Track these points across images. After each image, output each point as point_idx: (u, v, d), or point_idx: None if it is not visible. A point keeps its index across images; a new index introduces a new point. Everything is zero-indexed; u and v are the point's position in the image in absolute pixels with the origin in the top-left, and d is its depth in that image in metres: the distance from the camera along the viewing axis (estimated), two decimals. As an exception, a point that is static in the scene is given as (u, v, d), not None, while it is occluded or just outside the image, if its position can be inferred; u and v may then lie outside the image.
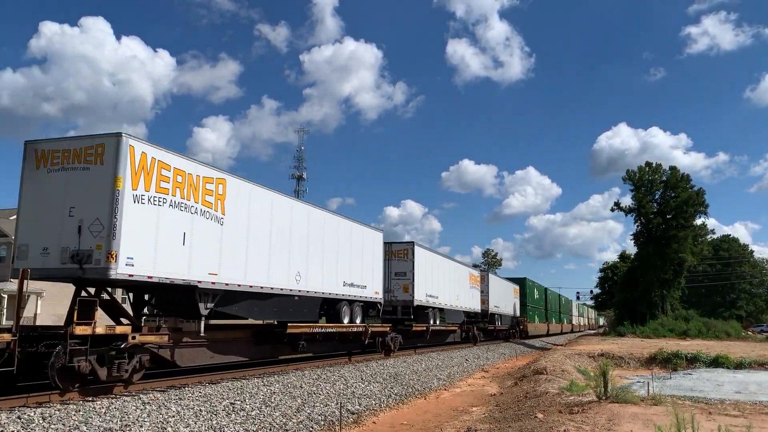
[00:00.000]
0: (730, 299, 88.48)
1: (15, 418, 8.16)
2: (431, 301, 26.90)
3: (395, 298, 24.17)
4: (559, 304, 72.25)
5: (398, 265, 24.31)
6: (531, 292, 54.83)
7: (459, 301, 31.89)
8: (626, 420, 9.87)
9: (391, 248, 24.43)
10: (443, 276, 29.35)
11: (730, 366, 25.49)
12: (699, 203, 54.63)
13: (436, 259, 28.45)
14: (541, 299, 60.56)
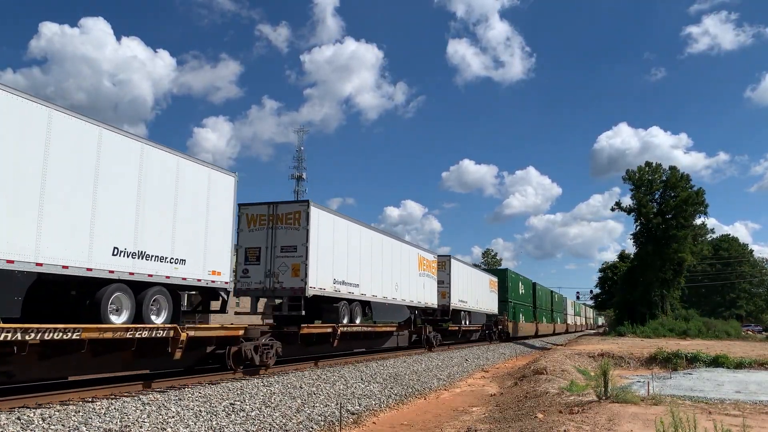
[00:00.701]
0: (730, 299, 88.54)
1: (14, 418, 8.16)
2: (344, 291, 18.82)
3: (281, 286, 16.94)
4: (551, 302, 66.19)
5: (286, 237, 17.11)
6: (514, 286, 47.72)
7: (400, 292, 23.54)
8: (626, 420, 9.87)
9: None
10: (370, 256, 21.01)
11: (730, 366, 25.50)
12: (699, 203, 54.70)
13: (352, 227, 19.92)
14: (528, 295, 53.25)
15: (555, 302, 68.86)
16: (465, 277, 33.41)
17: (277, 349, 15.50)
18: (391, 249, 23.36)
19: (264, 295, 17.51)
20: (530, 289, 54.68)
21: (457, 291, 31.44)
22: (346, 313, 18.97)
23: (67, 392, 10.22)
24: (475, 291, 35.47)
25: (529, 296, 53.22)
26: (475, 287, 35.48)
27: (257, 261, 17.06)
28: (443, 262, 30.22)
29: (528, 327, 51.19)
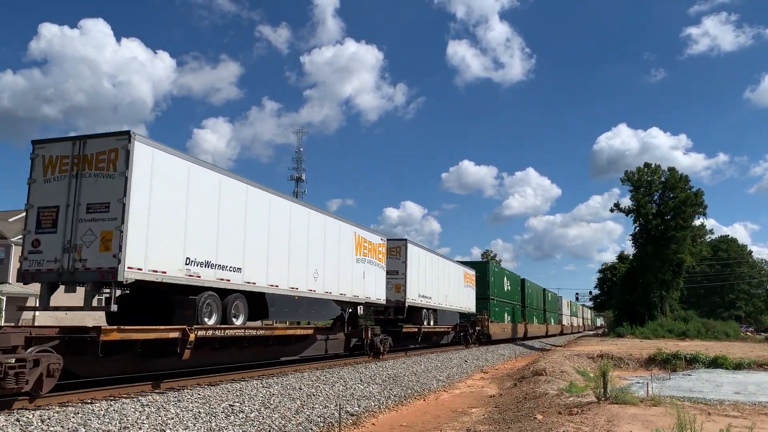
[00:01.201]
0: (729, 300, 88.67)
1: (14, 420, 8.15)
2: (209, 276, 13.03)
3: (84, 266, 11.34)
4: (544, 300, 61.54)
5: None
6: (498, 281, 41.87)
7: (322, 281, 17.78)
8: (626, 421, 9.87)
9: None
10: (266, 229, 15.14)
11: (729, 367, 25.52)
12: (698, 204, 54.82)
13: (230, 183, 13.84)
14: (516, 292, 48.08)
15: (548, 301, 64.57)
16: (428, 268, 27.37)
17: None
18: (308, 222, 17.43)
19: (60, 280, 11.37)
20: (518, 285, 49.60)
21: (417, 284, 25.57)
22: (215, 310, 13.43)
23: (65, 394, 10.21)
24: (444, 285, 29.73)
25: (516, 294, 48.32)
26: (443, 280, 29.61)
27: (52, 228, 11.36)
28: (397, 248, 24.30)
29: (514, 328, 45.69)
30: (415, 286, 25.43)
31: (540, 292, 60.09)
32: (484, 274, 39.06)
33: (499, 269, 45.63)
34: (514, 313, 46.08)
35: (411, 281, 24.75)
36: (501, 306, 41.90)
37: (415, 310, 25.69)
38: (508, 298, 45.06)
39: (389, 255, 23.50)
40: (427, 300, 27.00)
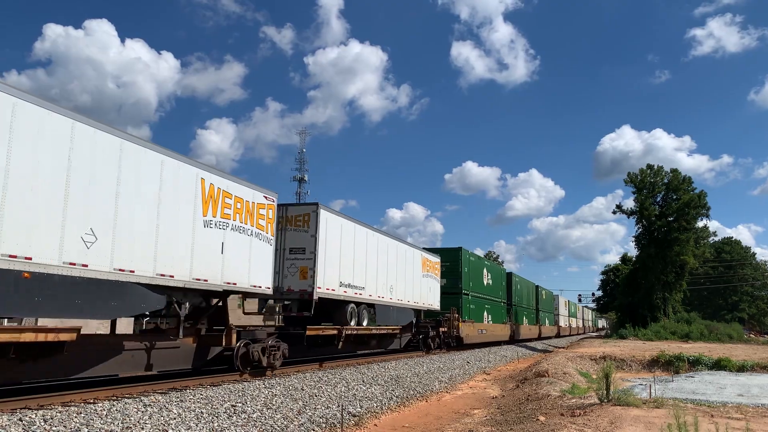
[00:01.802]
0: (732, 302, 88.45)
1: (16, 420, 8.16)
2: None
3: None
4: (536, 298, 55.24)
5: None
6: (475, 273, 34.66)
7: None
8: (628, 423, 9.85)
9: None
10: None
11: (732, 369, 25.44)
12: (701, 205, 54.69)
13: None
14: (499, 288, 40.87)
15: (542, 300, 57.78)
16: (358, 247, 20.26)
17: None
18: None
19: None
20: (503, 280, 42.49)
21: (337, 267, 18.67)
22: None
23: (68, 393, 10.23)
24: (389, 272, 22.85)
25: (500, 289, 41.23)
26: (387, 266, 22.68)
27: None
28: (304, 216, 17.78)
29: (497, 329, 38.67)
30: (334, 270, 18.46)
31: (531, 289, 54.28)
32: (455, 262, 31.47)
33: (477, 259, 36.37)
34: (496, 311, 39.33)
35: (326, 263, 17.91)
36: (478, 303, 34.81)
37: (335, 304, 18.99)
38: (489, 293, 37.78)
39: (295, 226, 17.84)
40: (357, 291, 19.92)
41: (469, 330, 32.13)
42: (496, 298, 39.94)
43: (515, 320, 45.43)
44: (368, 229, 21.38)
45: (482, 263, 38.23)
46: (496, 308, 39.76)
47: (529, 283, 53.91)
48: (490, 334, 36.90)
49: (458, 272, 31.94)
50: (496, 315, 39.30)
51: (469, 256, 34.17)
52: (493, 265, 42.36)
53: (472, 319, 33.35)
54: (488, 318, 37.14)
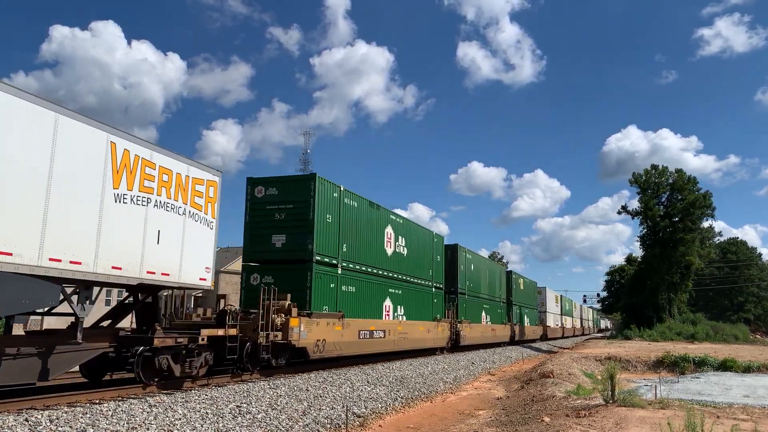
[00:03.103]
0: (738, 302, 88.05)
1: (23, 420, 8.20)
2: None
3: None
4: (508, 289, 42.75)
5: None
6: (357, 224, 19.72)
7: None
8: (634, 424, 9.82)
9: None
10: None
11: (738, 370, 25.34)
12: (706, 206, 54.49)
13: None
14: (428, 264, 26.67)
15: (517, 291, 45.46)
16: None
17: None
18: None
19: None
20: (438, 253, 28.09)
21: None
22: None
23: (74, 394, 10.26)
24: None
25: (429, 266, 26.59)
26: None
27: None
28: None
29: (414, 332, 24.00)
30: None
31: (499, 274, 41.23)
32: (305, 192, 17.16)
33: (359, 201, 19.95)
34: (417, 302, 24.82)
35: None
36: (363, 285, 19.91)
37: None
38: (403, 269, 23.30)
39: None
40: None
41: (320, 335, 16.93)
42: (423, 282, 25.73)
43: (465, 316, 31.50)
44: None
45: (387, 214, 22.49)
46: (419, 297, 25.22)
47: (494, 265, 41.27)
48: (368, 341, 19.99)
49: (308, 220, 16.96)
50: (418, 307, 24.85)
51: (323, 186, 17.70)
52: (418, 227, 26.04)
53: (354, 316, 19.07)
54: (392, 311, 22.32)
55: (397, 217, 23.75)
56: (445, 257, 29.73)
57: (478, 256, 36.80)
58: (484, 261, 38.23)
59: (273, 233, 17.19)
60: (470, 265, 33.81)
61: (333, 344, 17.43)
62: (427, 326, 25.86)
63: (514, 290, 43.87)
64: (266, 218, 17.36)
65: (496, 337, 38.02)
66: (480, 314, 35.09)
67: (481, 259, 37.19)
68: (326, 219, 17.56)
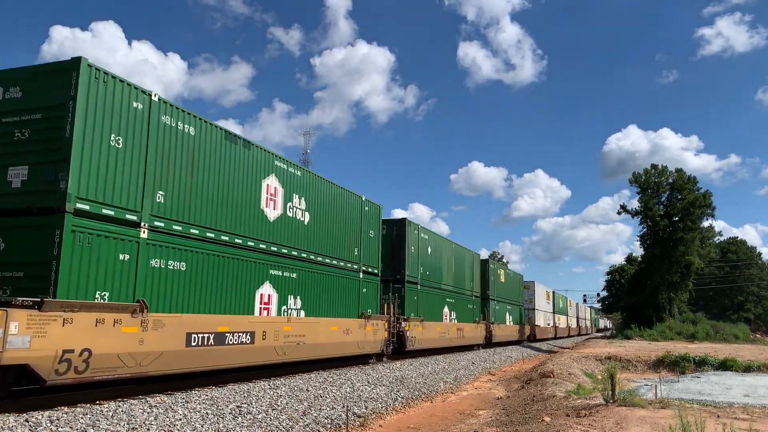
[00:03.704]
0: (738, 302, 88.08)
1: (23, 420, 8.20)
2: None
3: None
4: (483, 279, 36.82)
5: None
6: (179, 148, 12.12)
7: None
8: (634, 423, 9.82)
9: None
10: None
11: (738, 369, 25.34)
12: (706, 205, 54.48)
13: None
14: (352, 244, 19.77)
15: (495, 282, 39.30)
16: None
17: None
18: None
19: None
20: (377, 227, 21.95)
21: None
22: None
23: (74, 393, 10.26)
24: None
25: (362, 244, 20.49)
26: None
27: None
28: None
29: (318, 334, 16.94)
30: None
31: (471, 262, 34.18)
32: (60, 95, 10.07)
33: (200, 126, 12.91)
34: (329, 291, 18.21)
35: None
36: (208, 260, 12.86)
37: None
38: (300, 242, 16.63)
39: None
40: None
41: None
42: (338, 261, 18.74)
43: (413, 313, 24.53)
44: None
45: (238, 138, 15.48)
46: (337, 284, 18.65)
47: (465, 252, 33.47)
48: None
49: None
50: (336, 299, 18.50)
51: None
52: (306, 172, 17.78)
53: None
54: (295, 304, 16.47)
55: (290, 167, 16.32)
56: (385, 234, 23.40)
57: (440, 238, 29.45)
58: (447, 245, 30.52)
59: (9, 164, 10.23)
60: (425, 247, 26.62)
61: (113, 359, 10.04)
62: (345, 325, 18.59)
63: (492, 283, 37.79)
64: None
65: (465, 338, 31.50)
66: (441, 310, 28.57)
67: (443, 241, 29.90)
68: (109, 141, 10.47)
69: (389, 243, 23.92)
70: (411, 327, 23.99)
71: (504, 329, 40.03)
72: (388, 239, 23.91)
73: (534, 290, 52.55)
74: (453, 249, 31.33)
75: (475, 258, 35.62)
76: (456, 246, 31.86)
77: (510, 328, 43.00)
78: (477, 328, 34.26)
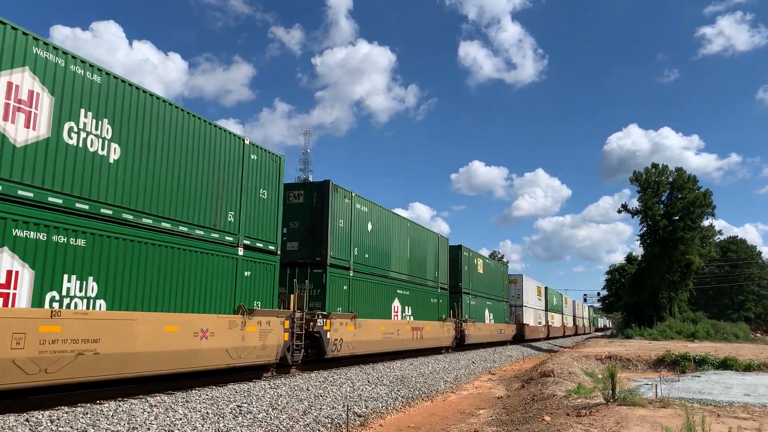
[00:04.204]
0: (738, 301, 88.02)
1: (23, 420, 8.20)
2: None
3: None
4: (453, 265, 31.07)
5: None
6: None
7: None
8: (634, 423, 9.82)
9: None
10: None
11: (738, 368, 25.33)
12: (706, 204, 54.48)
13: None
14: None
15: (473, 275, 34.00)
16: None
17: None
18: None
19: None
20: (276, 186, 15.82)
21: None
22: None
23: (75, 393, 10.26)
24: None
25: (232, 201, 13.88)
26: None
27: None
28: None
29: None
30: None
31: (436, 247, 28.53)
32: None
33: None
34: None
35: None
36: None
37: None
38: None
39: None
40: None
41: None
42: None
43: (340, 308, 19.09)
44: None
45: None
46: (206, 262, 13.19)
47: (428, 234, 27.93)
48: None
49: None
50: (200, 288, 12.81)
51: None
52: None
53: None
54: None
55: (76, 64, 10.21)
56: (302, 202, 19.01)
57: (387, 212, 23.33)
58: (399, 222, 24.45)
59: None
60: (363, 222, 21.08)
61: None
62: (200, 325, 12.35)
63: (466, 274, 32.01)
64: None
65: (423, 340, 25.73)
66: (390, 304, 22.89)
67: (392, 217, 23.78)
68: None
69: (306, 213, 18.71)
70: (335, 326, 18.04)
71: (482, 328, 33.45)
72: (305, 208, 18.75)
73: (522, 285, 46.75)
74: (409, 228, 25.11)
75: (442, 242, 29.51)
76: (413, 225, 25.92)
77: (489, 327, 36.21)
78: (442, 327, 28.22)
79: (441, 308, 28.66)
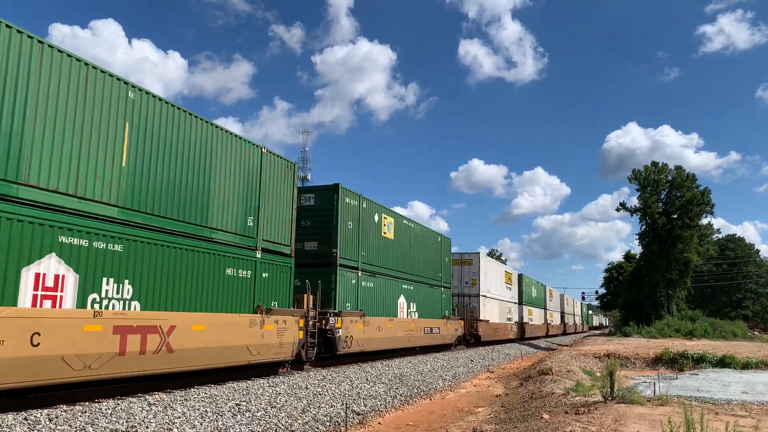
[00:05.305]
0: (736, 299, 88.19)
1: (21, 419, 8.19)
2: None
3: None
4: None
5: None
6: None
7: None
8: (633, 420, 9.83)
9: None
10: None
11: (736, 366, 25.37)
12: (704, 203, 54.54)
13: None
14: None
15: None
16: None
17: None
18: None
19: None
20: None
21: None
22: None
23: (73, 392, 10.25)
24: None
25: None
26: None
27: None
28: None
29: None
30: None
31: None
32: None
33: None
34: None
35: None
36: None
37: None
38: None
39: None
40: None
41: None
42: None
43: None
44: None
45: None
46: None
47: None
48: None
49: None
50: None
51: None
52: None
53: None
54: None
55: None
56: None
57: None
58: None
59: None
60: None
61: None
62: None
63: (346, 234, 22.12)
64: None
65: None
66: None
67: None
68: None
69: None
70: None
71: (382, 327, 21.69)
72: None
73: (480, 267, 35.41)
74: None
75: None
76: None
77: (403, 325, 23.64)
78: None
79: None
